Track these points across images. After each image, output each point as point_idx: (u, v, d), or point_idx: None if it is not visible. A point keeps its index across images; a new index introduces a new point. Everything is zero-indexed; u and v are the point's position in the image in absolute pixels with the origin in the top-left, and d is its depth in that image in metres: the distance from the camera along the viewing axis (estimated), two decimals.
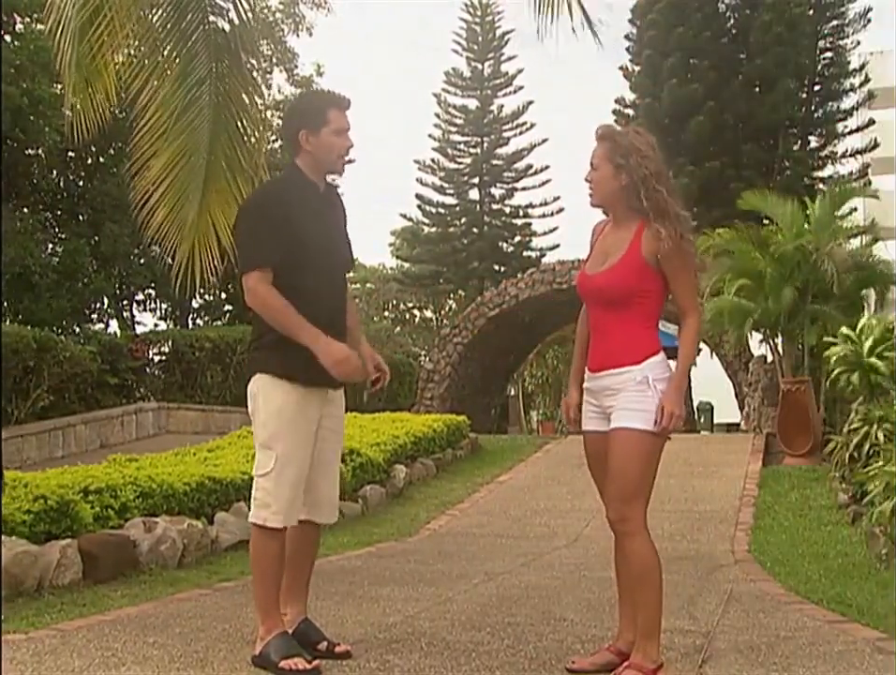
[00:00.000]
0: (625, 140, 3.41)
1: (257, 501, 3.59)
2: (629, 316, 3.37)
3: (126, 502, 6.13)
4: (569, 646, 3.95)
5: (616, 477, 3.35)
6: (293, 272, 3.54)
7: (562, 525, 8.57)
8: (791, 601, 5.06)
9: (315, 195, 3.68)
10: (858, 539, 7.17)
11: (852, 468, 9.35)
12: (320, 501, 3.74)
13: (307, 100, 3.70)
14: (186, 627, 4.27)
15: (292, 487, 3.55)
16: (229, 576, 5.85)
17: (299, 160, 3.67)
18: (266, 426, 3.58)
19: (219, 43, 7.04)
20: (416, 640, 4.03)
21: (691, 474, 10.68)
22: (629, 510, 3.34)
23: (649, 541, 3.39)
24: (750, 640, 4.05)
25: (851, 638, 4.08)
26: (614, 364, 3.39)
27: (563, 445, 13.30)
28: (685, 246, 3.36)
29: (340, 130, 3.62)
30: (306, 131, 3.60)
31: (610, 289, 3.43)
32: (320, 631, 3.74)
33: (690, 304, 3.44)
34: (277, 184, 3.95)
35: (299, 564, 3.76)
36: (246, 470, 7.63)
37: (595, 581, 5.68)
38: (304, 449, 3.58)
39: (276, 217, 3.54)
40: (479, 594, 5.24)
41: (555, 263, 19.07)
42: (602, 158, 3.42)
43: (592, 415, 3.51)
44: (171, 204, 7.15)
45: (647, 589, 3.32)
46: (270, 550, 3.56)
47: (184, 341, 15.92)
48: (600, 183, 3.43)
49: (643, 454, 3.32)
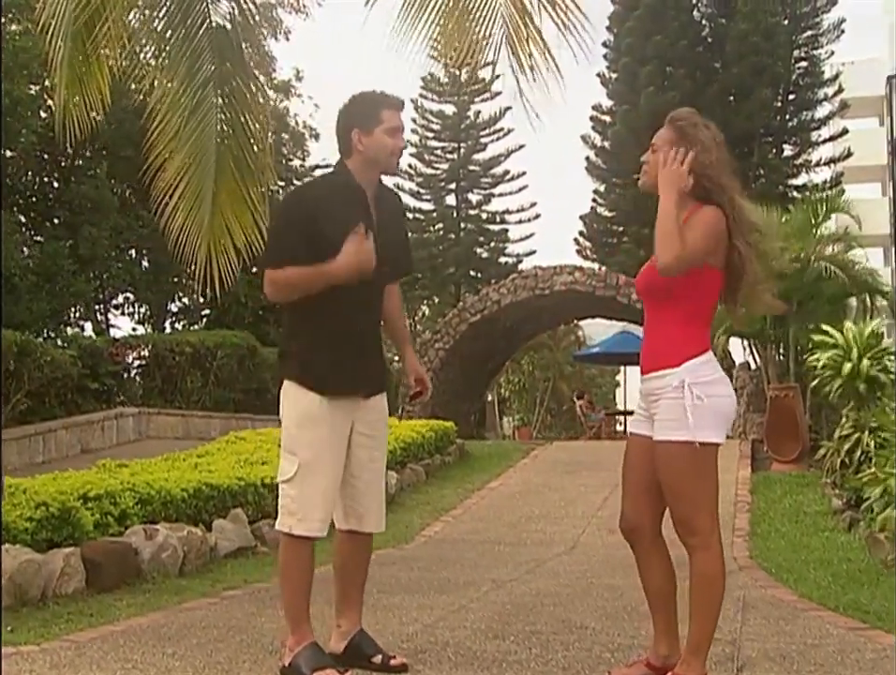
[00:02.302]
0: (692, 129, 3.33)
1: (283, 508, 3.50)
2: (672, 314, 3.26)
3: (126, 508, 6.02)
4: (598, 655, 3.89)
5: (669, 495, 3.23)
6: None
7: (558, 531, 8.53)
8: (807, 608, 5.03)
9: (361, 198, 3.57)
10: (859, 545, 7.16)
11: (843, 474, 9.40)
12: (364, 509, 3.64)
13: (360, 100, 3.60)
14: (202, 638, 4.17)
15: (321, 495, 3.45)
16: (233, 584, 5.75)
17: (350, 161, 3.58)
18: (289, 431, 3.51)
19: (222, 42, 6.95)
20: (442, 650, 3.95)
21: None
22: (693, 524, 3.21)
23: (719, 556, 3.24)
24: (779, 648, 4.01)
25: (879, 646, 4.05)
26: (656, 366, 3.28)
27: (550, 451, 13.29)
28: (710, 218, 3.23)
29: (394, 130, 3.56)
30: (359, 131, 3.53)
31: (650, 280, 3.35)
32: (375, 643, 3.64)
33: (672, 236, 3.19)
34: (319, 184, 3.86)
35: (350, 576, 3.69)
36: (242, 476, 7.54)
37: (605, 589, 5.63)
38: (331, 456, 3.47)
39: (304, 218, 3.46)
40: (492, 602, 5.17)
41: (537, 269, 19.02)
42: (664, 142, 3.34)
43: (640, 418, 3.41)
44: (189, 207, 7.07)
45: (706, 603, 3.20)
46: (297, 559, 3.48)
47: (164, 346, 15.74)
48: (654, 165, 3.35)
49: (685, 464, 3.19)
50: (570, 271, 18.64)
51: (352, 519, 3.60)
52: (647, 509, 3.34)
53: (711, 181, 3.32)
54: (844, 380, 9.56)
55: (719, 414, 3.23)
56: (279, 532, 3.55)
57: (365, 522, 3.67)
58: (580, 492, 10.43)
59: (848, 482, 8.82)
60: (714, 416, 3.21)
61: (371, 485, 3.66)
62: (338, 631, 3.66)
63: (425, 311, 38.91)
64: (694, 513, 3.23)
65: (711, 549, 3.24)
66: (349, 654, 3.61)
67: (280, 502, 3.52)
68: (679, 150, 3.24)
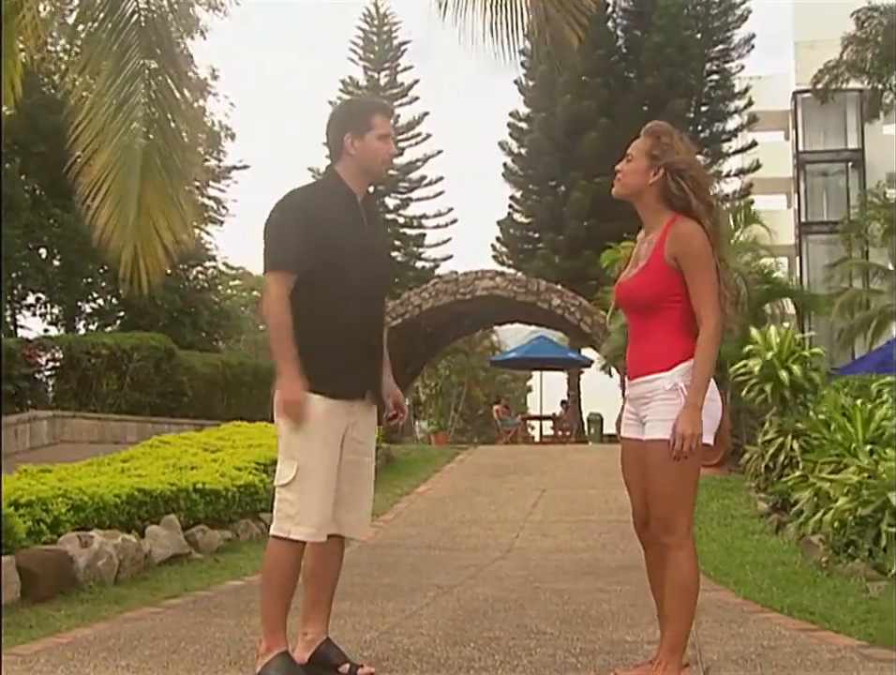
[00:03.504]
0: (668, 139, 3.37)
1: (280, 512, 3.42)
2: (661, 322, 3.31)
3: (59, 515, 5.82)
4: (562, 660, 3.88)
5: (654, 491, 3.29)
6: (328, 283, 3.44)
7: (492, 536, 8.52)
8: (754, 610, 5.09)
9: (352, 204, 3.56)
10: (789, 547, 7.31)
11: (768, 478, 9.60)
12: (352, 514, 3.58)
13: (352, 105, 3.63)
14: (154, 649, 4.04)
15: (320, 498, 3.39)
16: (172, 592, 5.60)
17: (339, 166, 3.58)
18: (287, 436, 3.42)
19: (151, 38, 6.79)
20: (405, 658, 3.89)
21: (610, 485, 10.74)
22: (673, 522, 3.27)
23: (694, 555, 3.32)
24: (738, 650, 4.04)
25: (833, 646, 4.11)
26: (646, 371, 3.33)
27: (475, 456, 13.29)
28: (702, 247, 3.28)
29: (384, 136, 3.56)
30: (351, 135, 3.52)
31: (636, 294, 3.39)
32: (342, 652, 3.57)
33: (704, 311, 3.28)
34: (311, 188, 3.78)
35: (322, 582, 3.60)
36: (174, 481, 7.36)
37: (552, 593, 5.62)
38: (328, 460, 3.42)
39: (304, 221, 3.43)
40: (442, 608, 5.12)
41: (459, 274, 19.05)
42: (640, 151, 3.39)
43: (630, 422, 3.46)
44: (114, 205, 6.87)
45: (683, 603, 3.26)
46: (286, 563, 3.40)
47: (79, 347, 15.29)
48: (630, 174, 3.39)
49: (680, 465, 3.23)
50: (491, 276, 18.73)
51: (336, 524, 3.52)
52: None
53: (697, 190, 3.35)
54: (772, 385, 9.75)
55: (709, 417, 3.29)
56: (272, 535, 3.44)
57: (351, 527, 3.61)
58: (509, 497, 10.45)
59: (774, 486, 9.00)
60: (709, 420, 3.27)
61: (361, 490, 3.62)
62: (304, 639, 3.58)
63: None
64: (675, 511, 3.28)
65: (687, 548, 3.30)
66: (315, 664, 3.53)
67: (277, 506, 3.45)
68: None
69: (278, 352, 3.39)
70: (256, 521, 8.21)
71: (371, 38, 32.91)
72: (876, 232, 26.91)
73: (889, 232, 25.81)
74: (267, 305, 3.43)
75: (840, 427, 7.78)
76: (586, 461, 12.77)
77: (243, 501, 8.03)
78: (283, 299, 3.38)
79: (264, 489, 8.42)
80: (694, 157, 3.46)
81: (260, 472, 8.62)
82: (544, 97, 30.26)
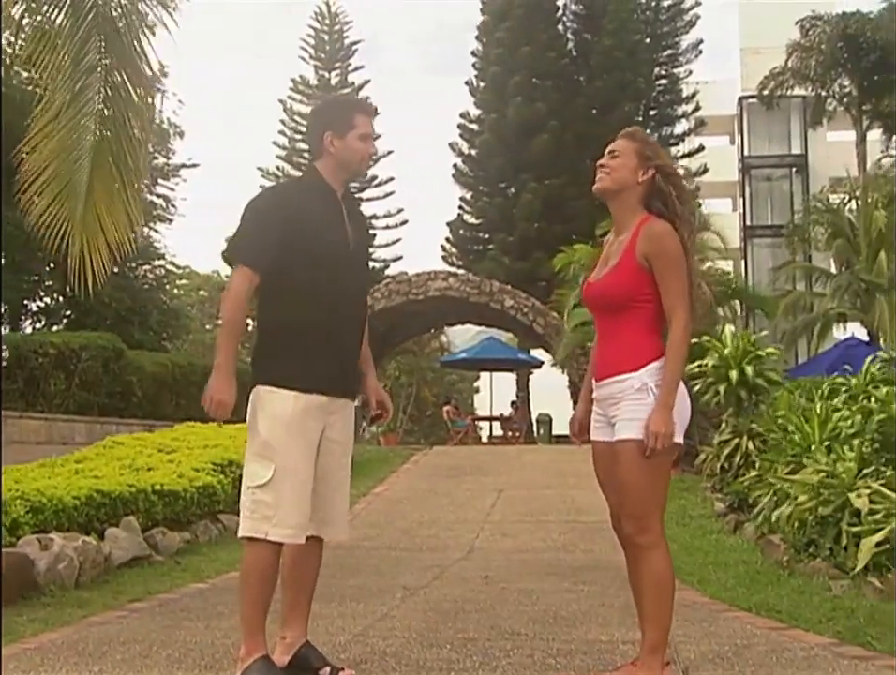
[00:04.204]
0: (653, 142, 3.43)
1: (255, 513, 3.35)
2: (630, 322, 3.31)
3: (18, 517, 5.68)
4: (542, 661, 3.87)
5: (626, 491, 3.28)
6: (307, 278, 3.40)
7: (452, 537, 8.51)
8: (722, 609, 5.14)
9: (333, 201, 3.54)
10: (748, 547, 7.39)
11: (724, 478, 9.71)
12: (329, 516, 3.54)
13: (334, 103, 3.62)
14: (125, 654, 3.96)
15: (299, 499, 3.34)
16: (135, 595, 5.50)
17: (319, 163, 3.56)
18: (263, 436, 3.37)
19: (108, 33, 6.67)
20: (382, 660, 3.86)
21: (567, 485, 10.83)
22: (646, 522, 3.26)
23: (668, 554, 3.31)
24: (713, 649, 4.07)
25: (806, 644, 4.16)
26: (615, 371, 3.33)
27: (430, 456, 13.27)
28: (675, 248, 3.29)
29: (366, 136, 3.54)
30: (332, 134, 3.50)
31: (607, 294, 3.38)
32: (322, 655, 3.52)
33: (675, 310, 3.27)
34: (291, 184, 3.75)
35: (301, 584, 3.55)
36: (133, 482, 7.24)
37: (520, 594, 5.62)
38: (306, 460, 3.37)
39: (281, 217, 3.39)
40: (412, 610, 5.09)
41: (411, 274, 19.02)
42: (629, 150, 3.40)
43: (599, 425, 3.44)
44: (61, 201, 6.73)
45: (661, 603, 3.25)
46: (264, 566, 3.34)
47: (26, 347, 14.99)
48: (618, 169, 3.38)
49: (651, 466, 3.23)
50: (444, 277, 18.73)
51: (315, 525, 3.47)
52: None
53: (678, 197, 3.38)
54: (726, 386, 9.86)
55: (679, 416, 3.28)
56: (247, 537, 3.38)
57: (330, 529, 3.57)
58: (467, 497, 10.45)
59: (731, 486, 9.10)
60: (679, 419, 3.25)
61: (338, 491, 3.57)
62: (283, 643, 3.53)
63: None
64: (649, 511, 3.29)
65: (661, 548, 3.31)
66: (295, 667, 3.49)
67: (251, 508, 3.37)
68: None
69: (221, 347, 3.35)
70: (214, 523, 8.11)
71: (322, 38, 32.75)
72: (820, 237, 27.41)
73: (832, 237, 26.30)
74: (226, 300, 3.37)
75: (797, 428, 7.88)
76: (541, 462, 12.82)
77: (201, 502, 7.92)
78: (242, 296, 3.35)
79: (222, 491, 8.33)
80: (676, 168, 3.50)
81: (217, 473, 8.52)
82: (494, 98, 30.32)
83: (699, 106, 31.72)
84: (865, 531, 5.68)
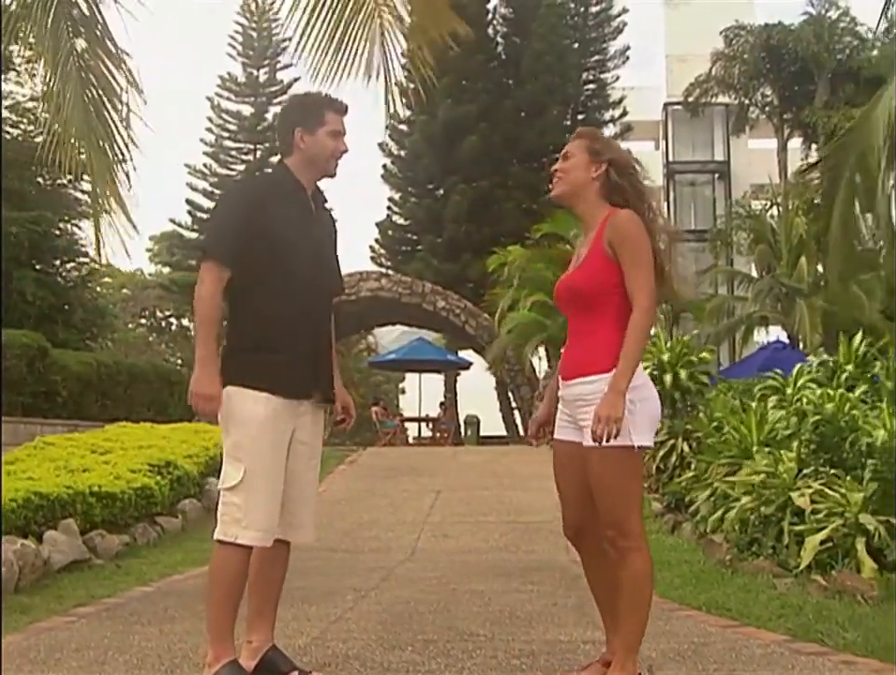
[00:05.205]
0: (603, 138, 3.46)
1: (225, 516, 3.28)
2: (600, 318, 3.28)
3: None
4: (506, 661, 3.87)
5: (602, 497, 3.24)
6: (276, 275, 3.35)
7: (394, 538, 8.49)
8: (674, 608, 5.19)
9: (302, 197, 3.51)
10: (688, 546, 7.49)
11: (660, 479, 9.84)
12: (297, 518, 3.47)
13: (304, 100, 3.53)
14: (81, 660, 3.86)
15: (267, 501, 3.28)
16: (79, 600, 5.38)
17: (290, 160, 3.51)
18: (234, 437, 3.30)
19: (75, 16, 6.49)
20: (346, 662, 3.83)
21: (504, 486, 10.87)
22: (626, 526, 3.24)
23: (649, 556, 3.31)
24: (672, 648, 4.11)
25: (761, 642, 4.23)
26: (585, 371, 3.28)
27: (366, 457, 13.22)
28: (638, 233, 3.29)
29: (336, 133, 3.51)
30: (302, 130, 3.46)
31: (574, 286, 3.36)
32: (289, 660, 3.47)
33: (638, 294, 3.21)
34: (262, 179, 3.69)
35: (267, 587, 3.48)
36: (70, 484, 7.08)
37: (471, 595, 5.62)
38: (276, 462, 3.31)
39: (250, 212, 3.35)
40: (367, 612, 5.05)
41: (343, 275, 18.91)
42: (578, 148, 3.41)
43: (564, 424, 3.40)
44: None
45: (639, 603, 3.25)
46: (233, 569, 3.27)
47: None
48: (571, 170, 3.39)
49: (623, 469, 3.21)
50: (377, 277, 18.69)
51: (281, 528, 3.41)
52: (589, 513, 3.34)
53: (633, 186, 3.40)
54: (661, 389, 10.00)
55: (652, 417, 3.29)
56: (218, 540, 3.30)
57: (297, 532, 3.50)
58: (405, 498, 10.42)
59: (668, 487, 9.23)
60: (648, 419, 3.26)
61: (305, 494, 3.51)
62: (249, 647, 3.46)
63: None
64: (628, 515, 3.27)
65: (642, 550, 3.30)
66: (262, 671, 3.42)
67: (222, 511, 3.31)
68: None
69: (200, 342, 3.29)
70: (153, 525, 7.97)
71: (250, 35, 32.41)
72: (742, 242, 28.00)
73: (755, 242, 26.89)
74: (198, 294, 3.31)
75: (735, 430, 8.03)
76: (476, 463, 12.85)
77: (139, 504, 7.78)
78: (213, 292, 3.29)
79: (160, 492, 8.18)
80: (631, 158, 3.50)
81: (154, 474, 8.37)
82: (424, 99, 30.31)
83: (626, 111, 32.18)
84: (808, 530, 5.81)
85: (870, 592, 5.07)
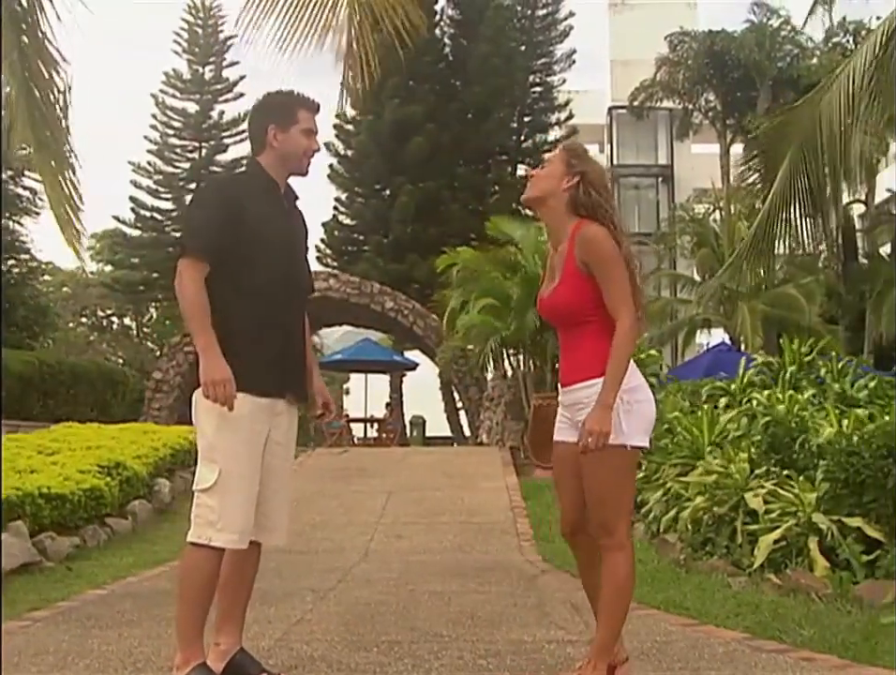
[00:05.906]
0: (584, 154, 3.49)
1: (199, 518, 3.24)
2: (590, 328, 3.33)
3: None
4: (473, 662, 3.88)
5: (593, 495, 3.29)
6: (249, 272, 3.33)
7: (346, 539, 8.45)
8: (633, 607, 5.12)
9: (275, 194, 3.50)
10: (642, 546, 7.51)
11: None
12: (270, 520, 3.43)
13: (277, 98, 3.51)
14: (41, 665, 3.80)
15: (242, 504, 3.24)
16: (33, 604, 5.28)
17: (262, 158, 3.50)
18: (208, 438, 3.27)
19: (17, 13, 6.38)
20: (312, 664, 3.82)
21: (455, 487, 10.88)
22: (613, 525, 3.28)
23: (632, 558, 3.35)
24: (634, 646, 4.13)
25: (721, 640, 4.29)
26: (581, 377, 3.34)
27: (314, 458, 13.15)
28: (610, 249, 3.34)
29: (308, 131, 3.51)
30: (275, 127, 3.46)
31: (558, 311, 3.42)
32: (257, 662, 3.44)
33: (618, 311, 3.28)
34: (235, 176, 3.67)
35: (236, 589, 3.44)
36: (19, 485, 6.95)
37: (430, 595, 5.62)
38: (252, 463, 3.28)
39: (224, 207, 3.33)
40: (327, 613, 5.03)
41: None
42: (557, 158, 3.48)
43: (563, 426, 3.47)
44: None
45: (620, 603, 3.30)
46: (205, 571, 3.23)
47: None
48: (544, 177, 3.45)
49: (615, 468, 3.26)
50: (325, 277, 18.60)
51: (255, 530, 3.38)
52: (586, 513, 3.38)
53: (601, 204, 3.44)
54: None
55: (646, 419, 3.35)
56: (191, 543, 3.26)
57: (270, 534, 3.47)
58: (357, 499, 10.39)
59: None
60: (644, 421, 3.33)
61: (279, 494, 3.47)
62: (217, 650, 3.43)
63: (153, 314, 37.53)
64: (617, 515, 3.32)
65: (626, 551, 3.35)
66: (230, 674, 3.39)
67: (195, 512, 3.27)
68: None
69: (196, 332, 3.25)
70: (102, 527, 7.85)
71: (196, 31, 32.07)
72: (686, 245, 28.36)
73: (697, 246, 27.25)
74: (181, 287, 3.28)
75: (686, 430, 8.13)
76: (426, 463, 12.85)
77: (88, 505, 7.64)
78: (196, 280, 3.25)
79: (110, 493, 8.06)
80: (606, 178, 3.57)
81: (104, 475, 8.24)
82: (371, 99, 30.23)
83: (572, 114, 32.41)
84: (761, 529, 5.90)
85: (823, 590, 5.16)
